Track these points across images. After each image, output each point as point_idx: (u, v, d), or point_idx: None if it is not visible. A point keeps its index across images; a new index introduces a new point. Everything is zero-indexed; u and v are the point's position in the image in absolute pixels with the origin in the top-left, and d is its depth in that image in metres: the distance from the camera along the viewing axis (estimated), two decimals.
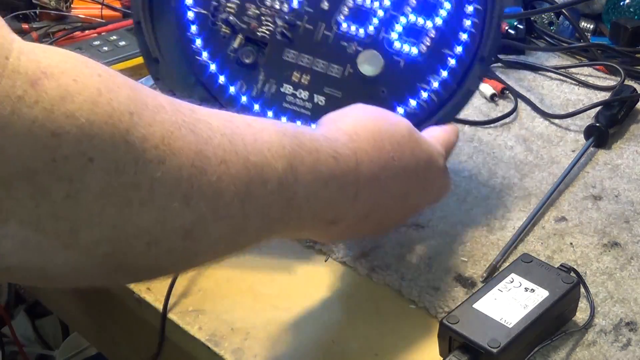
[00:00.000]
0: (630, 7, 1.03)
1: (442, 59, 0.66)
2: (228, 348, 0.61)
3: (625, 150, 0.84)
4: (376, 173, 0.56)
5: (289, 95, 0.66)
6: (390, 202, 0.59)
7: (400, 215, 0.63)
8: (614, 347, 0.60)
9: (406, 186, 0.60)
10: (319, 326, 0.63)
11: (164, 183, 0.42)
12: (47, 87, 0.38)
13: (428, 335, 0.61)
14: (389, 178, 0.57)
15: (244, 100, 0.65)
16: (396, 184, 0.58)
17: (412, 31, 0.66)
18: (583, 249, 0.70)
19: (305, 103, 0.66)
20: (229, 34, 0.65)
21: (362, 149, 0.55)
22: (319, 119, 0.60)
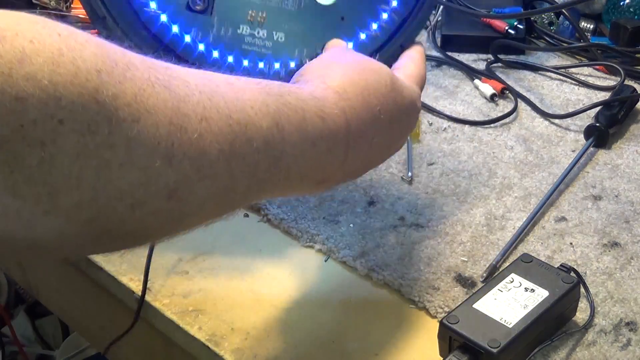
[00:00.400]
0: (630, 7, 1.03)
1: None
2: (228, 348, 0.61)
3: (625, 150, 0.84)
4: (365, 131, 0.55)
5: (247, 36, 0.64)
6: (377, 155, 0.60)
7: (382, 160, 0.63)
8: (614, 347, 0.60)
9: (391, 137, 0.60)
10: (319, 326, 0.63)
11: (141, 142, 0.41)
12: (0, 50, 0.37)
13: (428, 335, 0.61)
14: (377, 134, 0.57)
15: (201, 48, 0.62)
16: (383, 137, 0.58)
17: None
18: (583, 249, 0.70)
19: (265, 42, 0.64)
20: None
21: (351, 108, 0.54)
22: (281, 57, 0.57)
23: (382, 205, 0.75)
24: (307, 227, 0.72)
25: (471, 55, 1.02)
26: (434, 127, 0.88)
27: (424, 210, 0.74)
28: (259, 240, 0.72)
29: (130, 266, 0.68)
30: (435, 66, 1.01)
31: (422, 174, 0.80)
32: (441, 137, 0.86)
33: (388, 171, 0.80)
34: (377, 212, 0.74)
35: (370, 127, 0.56)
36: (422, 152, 0.83)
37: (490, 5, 1.05)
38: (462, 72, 0.99)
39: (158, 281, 0.67)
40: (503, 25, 1.02)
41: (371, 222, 0.73)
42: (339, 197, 0.76)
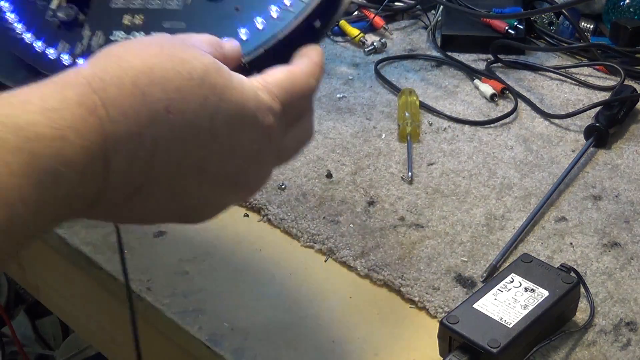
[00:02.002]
0: (630, 7, 1.03)
1: None
2: (228, 348, 0.61)
3: (625, 150, 0.84)
4: (138, 132, 0.40)
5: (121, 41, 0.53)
6: (175, 170, 0.43)
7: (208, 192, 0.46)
8: (614, 347, 0.60)
9: (199, 151, 0.43)
10: (319, 326, 0.63)
11: None
12: None
13: (428, 335, 0.61)
14: (164, 138, 0.41)
15: (66, 59, 0.55)
16: (178, 146, 0.42)
17: None
18: (583, 249, 0.70)
19: None
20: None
21: (110, 100, 0.40)
22: None
23: (382, 205, 0.75)
24: (307, 227, 0.72)
25: (471, 55, 1.02)
26: (434, 127, 0.88)
27: (424, 210, 0.74)
28: (259, 240, 0.72)
29: (131, 266, 0.68)
30: (435, 66, 1.01)
31: (422, 174, 0.80)
32: (441, 137, 0.86)
33: (388, 171, 0.80)
34: (377, 212, 0.74)
35: (148, 126, 0.41)
36: (422, 152, 0.83)
37: (490, 5, 1.05)
38: (462, 72, 0.99)
39: (158, 281, 0.67)
40: (503, 25, 1.02)
41: (371, 222, 0.73)
42: (339, 197, 0.76)
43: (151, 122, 0.41)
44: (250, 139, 0.46)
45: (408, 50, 1.05)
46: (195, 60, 0.43)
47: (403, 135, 0.84)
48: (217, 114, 0.43)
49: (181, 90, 0.42)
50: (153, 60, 0.42)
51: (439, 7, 1.07)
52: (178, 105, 0.42)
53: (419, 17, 1.13)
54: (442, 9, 1.07)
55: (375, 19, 1.08)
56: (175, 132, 0.42)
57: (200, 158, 0.44)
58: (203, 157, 0.44)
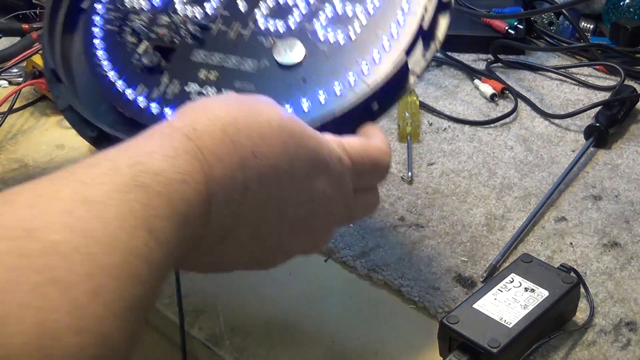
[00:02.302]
0: (630, 7, 1.03)
1: (374, 41, 0.58)
2: (228, 348, 0.61)
3: (625, 150, 0.84)
4: (231, 175, 0.44)
5: (193, 94, 0.59)
6: (257, 216, 0.46)
7: (284, 237, 0.49)
8: (613, 347, 0.60)
9: (280, 193, 0.47)
10: (319, 326, 0.63)
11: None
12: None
13: (428, 335, 0.61)
14: (252, 181, 0.45)
15: (141, 100, 0.59)
16: (264, 188, 0.46)
17: (338, 19, 0.60)
18: (583, 249, 0.70)
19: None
20: (136, 43, 0.62)
21: (206, 148, 0.43)
22: None
23: (382, 205, 0.75)
24: None
25: (471, 55, 1.02)
26: (434, 127, 0.88)
27: (424, 210, 0.74)
28: None
29: None
30: (435, 66, 1.01)
31: (422, 174, 0.80)
32: (441, 137, 0.86)
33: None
34: (377, 212, 0.74)
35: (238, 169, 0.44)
36: (422, 152, 0.83)
37: (490, 5, 1.05)
38: (462, 72, 0.99)
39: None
40: (503, 25, 1.02)
41: (371, 222, 0.73)
42: None
43: (241, 165, 0.44)
44: (323, 183, 0.49)
45: None
46: (271, 111, 0.47)
47: (403, 135, 0.85)
48: (295, 158, 0.47)
49: (264, 137, 0.45)
50: (236, 112, 0.45)
51: None
52: (262, 150, 0.45)
53: None
54: None
55: None
56: (261, 175, 0.45)
57: (281, 200, 0.47)
58: (283, 199, 0.47)
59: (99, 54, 0.61)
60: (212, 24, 0.61)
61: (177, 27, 0.61)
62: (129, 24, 0.61)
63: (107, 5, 0.63)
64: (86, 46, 0.61)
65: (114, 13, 0.63)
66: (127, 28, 0.62)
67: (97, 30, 0.62)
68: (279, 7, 0.61)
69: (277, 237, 0.49)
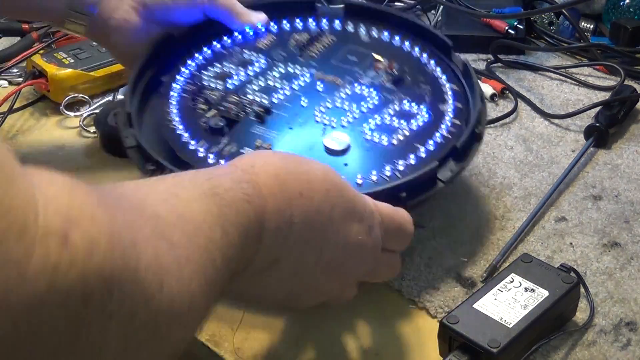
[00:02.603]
0: (630, 7, 1.03)
1: (413, 149, 0.68)
2: (228, 348, 0.61)
3: (625, 150, 0.84)
4: (282, 208, 0.50)
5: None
6: (300, 250, 0.52)
7: (319, 276, 0.55)
8: (613, 347, 0.60)
9: (319, 233, 0.53)
10: (319, 326, 0.63)
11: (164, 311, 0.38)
12: (76, 240, 0.33)
13: (428, 335, 0.61)
14: (298, 217, 0.51)
15: (201, 151, 0.68)
16: (307, 225, 0.52)
17: (385, 128, 0.70)
18: (583, 249, 0.70)
19: None
20: (206, 110, 0.71)
21: (264, 183, 0.50)
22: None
23: None
24: None
25: (471, 55, 1.02)
26: None
27: (424, 210, 0.74)
28: None
29: None
30: None
31: None
32: None
33: None
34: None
35: (286, 204, 0.50)
36: None
37: (490, 5, 1.05)
38: None
39: None
40: (503, 25, 1.02)
41: None
42: None
43: (289, 202, 0.50)
44: (357, 229, 0.55)
45: None
46: (316, 164, 0.55)
47: None
48: (336, 204, 0.53)
49: (310, 182, 0.52)
50: (287, 161, 0.53)
51: (439, 7, 1.07)
52: (308, 193, 0.52)
53: (419, 17, 1.13)
54: (442, 9, 1.07)
55: None
56: (306, 212, 0.51)
57: (321, 239, 0.53)
58: (323, 238, 0.53)
59: (172, 111, 0.71)
60: (275, 110, 0.71)
61: (244, 105, 0.71)
62: (203, 95, 0.72)
63: (188, 79, 0.75)
64: (162, 104, 0.72)
65: (192, 86, 0.74)
66: (200, 98, 0.73)
67: (175, 94, 0.73)
68: (335, 108, 0.72)
69: (313, 276, 0.54)
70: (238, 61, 0.76)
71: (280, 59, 0.77)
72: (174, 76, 0.75)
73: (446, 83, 0.74)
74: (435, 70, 0.76)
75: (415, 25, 0.81)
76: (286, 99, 0.73)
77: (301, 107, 0.72)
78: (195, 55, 0.77)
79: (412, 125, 0.70)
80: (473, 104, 0.72)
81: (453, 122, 0.70)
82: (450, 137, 0.69)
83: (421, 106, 0.72)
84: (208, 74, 0.75)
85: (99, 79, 0.92)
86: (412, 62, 0.77)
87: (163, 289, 0.38)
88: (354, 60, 0.77)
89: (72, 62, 0.92)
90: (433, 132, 0.69)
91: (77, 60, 0.93)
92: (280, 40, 0.79)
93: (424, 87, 0.74)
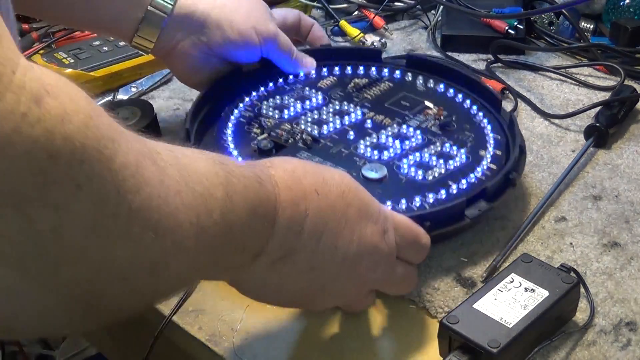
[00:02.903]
0: (630, 7, 1.03)
1: (445, 186, 0.70)
2: (228, 348, 0.61)
3: (625, 150, 0.84)
4: (296, 202, 0.52)
5: None
6: (315, 244, 0.54)
7: (334, 275, 0.56)
8: (614, 347, 0.60)
9: (334, 229, 0.55)
10: (318, 326, 0.63)
11: (138, 214, 0.40)
12: (50, 105, 0.36)
13: (428, 335, 0.61)
14: (312, 211, 0.53)
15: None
16: (321, 220, 0.54)
17: (423, 165, 0.73)
18: (583, 249, 0.70)
19: None
20: (259, 133, 0.77)
21: (279, 176, 0.53)
22: None
23: None
24: None
25: (471, 55, 1.02)
26: None
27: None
28: None
29: None
30: None
31: None
32: None
33: None
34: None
35: (302, 198, 0.53)
36: None
37: (490, 5, 1.05)
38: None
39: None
40: (503, 25, 1.02)
41: None
42: None
43: (304, 197, 0.53)
44: (371, 230, 0.57)
45: (408, 50, 1.05)
46: (335, 170, 0.58)
47: None
48: (351, 205, 0.56)
49: (326, 182, 0.55)
50: (304, 163, 0.57)
51: (439, 7, 1.07)
52: (323, 191, 0.54)
53: (419, 17, 1.13)
54: (442, 9, 1.07)
55: (375, 19, 1.08)
56: (321, 209, 0.54)
57: (335, 235, 0.55)
58: (337, 234, 0.55)
59: (227, 132, 0.77)
60: (322, 139, 0.76)
61: (294, 133, 0.76)
62: (259, 121, 0.78)
63: (247, 107, 0.81)
64: (220, 126, 0.78)
65: (250, 113, 0.80)
66: (255, 123, 0.78)
67: (233, 118, 0.79)
68: (379, 144, 0.76)
69: (328, 274, 0.56)
70: (297, 96, 0.83)
71: (337, 97, 0.83)
72: (237, 103, 0.81)
73: (490, 133, 0.78)
74: (482, 121, 0.80)
75: (468, 79, 0.85)
76: (335, 132, 0.77)
77: (348, 140, 0.76)
78: (260, 88, 0.83)
79: (450, 165, 0.73)
80: (512, 151, 0.75)
81: (489, 166, 0.74)
82: (484, 179, 0.72)
83: (462, 150, 0.75)
84: (267, 103, 0.81)
85: (99, 79, 0.92)
86: (460, 111, 0.81)
87: (140, 193, 0.40)
88: (406, 105, 0.82)
89: (72, 62, 0.92)
90: (468, 173, 0.72)
91: (77, 60, 0.93)
92: (340, 81, 0.86)
93: (468, 134, 0.78)
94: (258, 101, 0.82)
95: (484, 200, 0.69)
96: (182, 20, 0.79)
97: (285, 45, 0.83)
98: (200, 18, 0.79)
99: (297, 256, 0.53)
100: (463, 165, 0.73)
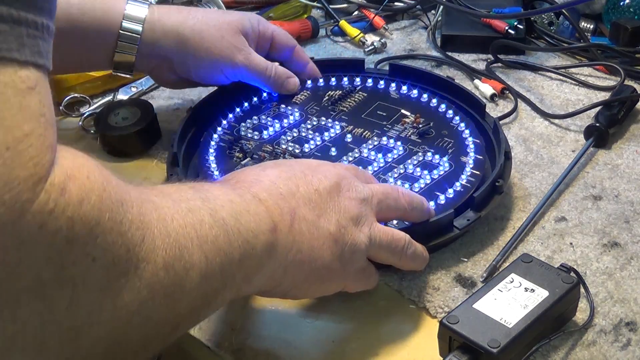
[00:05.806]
0: (630, 7, 1.03)
1: (433, 197, 0.71)
2: (228, 348, 0.61)
3: (625, 150, 0.84)
4: (280, 205, 0.56)
5: None
6: (307, 230, 0.57)
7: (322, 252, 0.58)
8: (613, 347, 0.60)
9: (316, 210, 0.58)
10: (319, 326, 0.63)
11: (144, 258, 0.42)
12: (72, 192, 0.38)
13: (428, 335, 0.61)
14: (299, 207, 0.57)
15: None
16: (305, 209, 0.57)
17: (408, 177, 0.74)
18: (583, 249, 0.70)
19: None
20: (241, 157, 0.77)
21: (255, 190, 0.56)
22: None
23: None
24: None
25: (471, 55, 1.02)
26: None
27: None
28: None
29: None
30: (435, 66, 1.01)
31: None
32: None
33: None
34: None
35: (285, 200, 0.56)
36: None
37: (490, 5, 1.05)
38: (462, 72, 0.99)
39: None
40: (503, 25, 1.02)
41: None
42: None
43: (287, 197, 0.56)
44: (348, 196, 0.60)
45: (408, 50, 1.05)
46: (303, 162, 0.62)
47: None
48: (322, 187, 0.59)
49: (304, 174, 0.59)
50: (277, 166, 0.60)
51: (439, 7, 1.07)
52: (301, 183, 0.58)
53: (419, 17, 1.13)
54: (442, 9, 1.07)
55: (375, 19, 1.08)
56: (304, 200, 0.57)
57: (317, 216, 0.57)
58: (318, 215, 0.58)
59: (210, 158, 0.77)
60: (305, 158, 0.76)
61: (277, 154, 0.77)
62: (239, 145, 0.78)
63: (226, 130, 0.81)
64: (203, 151, 0.78)
65: (229, 136, 0.80)
66: (236, 147, 0.78)
67: (213, 143, 0.79)
68: (361, 158, 0.76)
69: (323, 256, 0.57)
70: (274, 114, 0.83)
71: (313, 112, 0.83)
72: (215, 127, 0.81)
73: (469, 137, 0.78)
74: (459, 125, 0.80)
75: (452, 85, 0.86)
76: (317, 149, 0.78)
77: (330, 157, 0.77)
78: (236, 109, 0.84)
79: (434, 175, 0.74)
80: (498, 158, 0.75)
81: (472, 172, 0.74)
82: (469, 187, 0.72)
83: (444, 158, 0.76)
84: (246, 125, 0.81)
85: (99, 79, 0.92)
86: (437, 116, 0.82)
87: (144, 241, 0.42)
88: (382, 114, 0.83)
89: None
90: (453, 182, 0.73)
91: None
92: (314, 95, 0.86)
93: (447, 139, 0.78)
94: (236, 123, 0.82)
95: (472, 210, 0.70)
96: (152, 49, 0.80)
97: (258, 71, 0.82)
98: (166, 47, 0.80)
99: (298, 249, 0.56)
100: (447, 174, 0.74)
